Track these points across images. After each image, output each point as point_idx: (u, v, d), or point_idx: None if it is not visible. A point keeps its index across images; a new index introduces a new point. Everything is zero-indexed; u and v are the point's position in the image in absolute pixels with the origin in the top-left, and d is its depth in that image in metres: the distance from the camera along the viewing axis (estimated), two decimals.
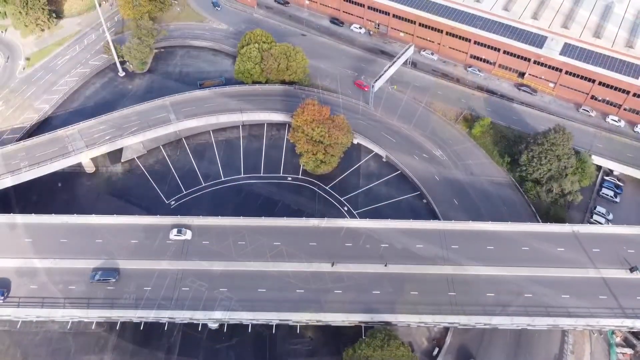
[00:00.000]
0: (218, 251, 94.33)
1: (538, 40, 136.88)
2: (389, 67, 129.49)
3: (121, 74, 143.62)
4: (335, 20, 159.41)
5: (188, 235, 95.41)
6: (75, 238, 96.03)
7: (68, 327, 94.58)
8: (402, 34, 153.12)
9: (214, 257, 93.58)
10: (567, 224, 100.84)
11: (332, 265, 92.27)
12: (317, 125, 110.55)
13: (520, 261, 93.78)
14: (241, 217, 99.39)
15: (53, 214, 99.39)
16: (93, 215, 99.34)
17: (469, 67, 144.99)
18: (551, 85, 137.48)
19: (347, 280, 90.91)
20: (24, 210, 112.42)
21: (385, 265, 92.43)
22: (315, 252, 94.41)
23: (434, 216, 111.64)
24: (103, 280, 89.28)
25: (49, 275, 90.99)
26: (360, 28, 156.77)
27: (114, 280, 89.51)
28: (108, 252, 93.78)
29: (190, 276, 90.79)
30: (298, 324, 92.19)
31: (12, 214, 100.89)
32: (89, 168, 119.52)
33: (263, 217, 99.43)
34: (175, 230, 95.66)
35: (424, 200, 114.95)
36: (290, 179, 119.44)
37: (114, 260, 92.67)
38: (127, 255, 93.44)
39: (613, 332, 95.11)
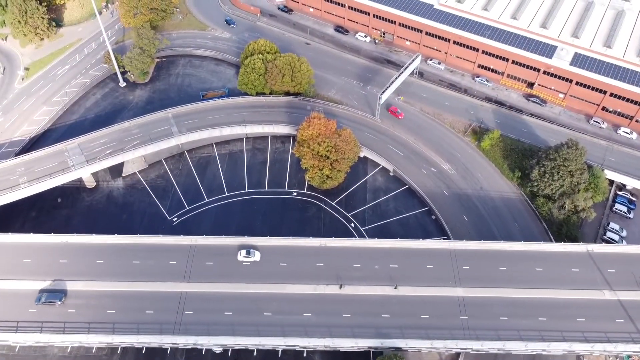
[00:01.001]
0: (221, 272, 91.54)
1: (548, 50, 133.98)
2: (396, 78, 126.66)
3: (122, 84, 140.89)
4: (340, 29, 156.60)
5: (257, 256, 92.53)
6: (75, 258, 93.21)
7: (68, 350, 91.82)
8: (408, 43, 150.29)
9: (216, 278, 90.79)
10: (581, 243, 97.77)
11: (340, 287, 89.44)
12: (323, 140, 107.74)
13: (534, 282, 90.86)
14: (245, 236, 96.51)
15: (52, 233, 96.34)
16: (93, 234, 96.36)
17: (477, 76, 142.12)
18: (561, 95, 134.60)
19: (356, 303, 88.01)
20: (23, 226, 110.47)
21: (395, 288, 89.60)
22: (322, 274, 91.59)
23: (443, 233, 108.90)
24: (48, 302, 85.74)
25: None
26: (365, 36, 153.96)
27: (59, 302, 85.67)
28: (107, 273, 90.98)
29: (195, 300, 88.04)
30: (305, 349, 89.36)
31: (9, 233, 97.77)
32: (90, 183, 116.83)
33: (268, 237, 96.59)
34: (243, 252, 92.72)
35: (433, 217, 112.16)
36: (295, 194, 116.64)
37: (115, 282, 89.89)
38: (125, 276, 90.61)
39: (629, 357, 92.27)
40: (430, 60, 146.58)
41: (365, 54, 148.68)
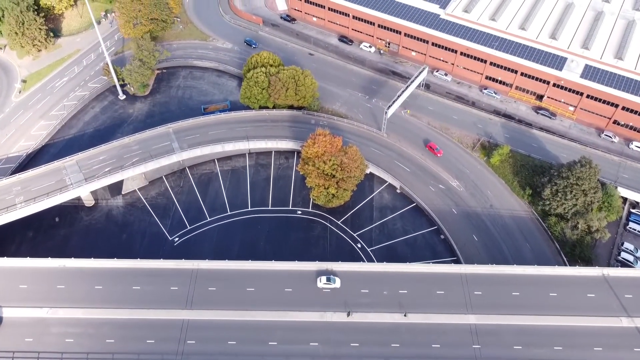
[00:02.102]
0: (225, 298, 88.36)
1: (557, 62, 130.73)
2: (402, 91, 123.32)
3: (121, 97, 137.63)
4: (344, 39, 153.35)
5: (338, 283, 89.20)
6: (72, 284, 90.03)
7: None
8: (413, 53, 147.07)
9: (220, 305, 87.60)
10: (596, 267, 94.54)
11: (348, 315, 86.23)
12: (328, 158, 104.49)
13: (548, 309, 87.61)
14: (249, 260, 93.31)
15: (49, 257, 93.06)
16: (91, 259, 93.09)
17: (485, 88, 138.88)
18: (571, 108, 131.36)
19: (364, 331, 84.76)
20: (19, 247, 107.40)
21: (405, 315, 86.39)
22: (329, 300, 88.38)
23: (452, 254, 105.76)
24: None
25: (44, 327, 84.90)
26: (370, 47, 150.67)
27: None
28: (106, 299, 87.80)
29: (197, 328, 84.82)
30: None
31: (5, 256, 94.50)
32: (88, 201, 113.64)
33: (272, 261, 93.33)
34: (324, 279, 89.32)
35: (442, 236, 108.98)
36: (300, 212, 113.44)
37: (115, 309, 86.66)
38: (125, 303, 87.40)
39: None
40: (437, 71, 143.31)
41: (370, 65, 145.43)
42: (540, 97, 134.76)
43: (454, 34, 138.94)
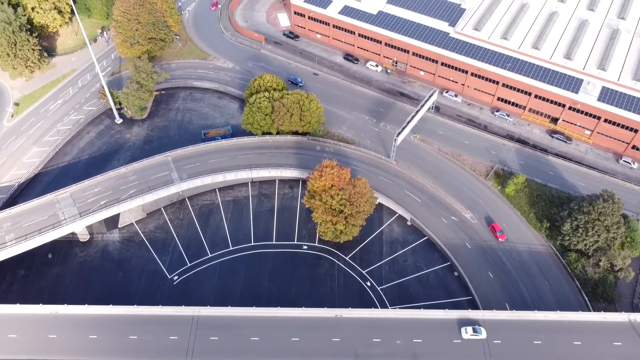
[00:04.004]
0: (228, 349, 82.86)
1: (573, 84, 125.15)
2: (412, 117, 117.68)
3: (118, 121, 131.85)
4: (349, 57, 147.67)
5: (484, 334, 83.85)
6: (65, 333, 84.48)
7: None
8: (422, 73, 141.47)
9: (222, 356, 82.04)
10: (622, 312, 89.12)
11: None
12: (336, 193, 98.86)
13: (573, 359, 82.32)
14: (253, 307, 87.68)
15: (40, 304, 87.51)
16: (86, 305, 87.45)
17: (497, 110, 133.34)
18: (587, 132, 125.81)
19: None
20: (10, 287, 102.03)
21: None
22: (339, 350, 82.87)
23: (466, 293, 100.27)
24: None
25: None
26: (376, 65, 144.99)
27: None
28: (101, 350, 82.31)
29: None
30: None
31: None
32: (83, 236, 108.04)
33: (278, 308, 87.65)
34: (470, 329, 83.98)
35: (455, 273, 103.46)
36: (305, 247, 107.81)
37: None
38: (121, 355, 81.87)
39: None
40: (447, 92, 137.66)
41: (377, 86, 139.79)
42: (554, 120, 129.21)
43: (464, 53, 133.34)
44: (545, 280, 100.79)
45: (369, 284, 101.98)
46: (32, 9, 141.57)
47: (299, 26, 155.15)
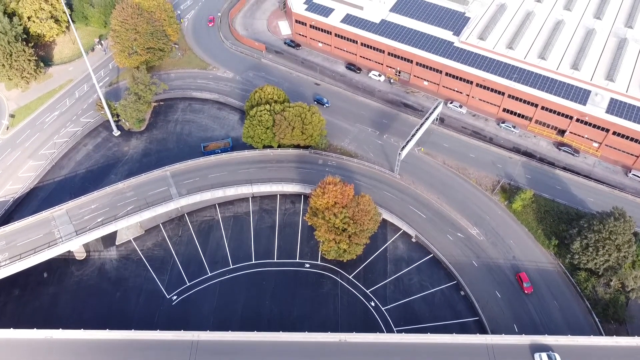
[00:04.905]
0: None
1: (581, 95, 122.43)
2: (417, 130, 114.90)
3: (116, 133, 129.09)
4: (351, 66, 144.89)
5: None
6: (62, 358, 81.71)
7: None
8: (426, 83, 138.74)
9: None
10: (635, 337, 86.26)
11: None
12: (339, 211, 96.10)
13: None
14: (254, 332, 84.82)
15: (34, 328, 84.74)
16: (81, 330, 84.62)
17: (502, 122, 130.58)
18: (595, 144, 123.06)
19: None
20: (5, 307, 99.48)
21: None
22: None
23: (473, 313, 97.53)
24: None
25: None
26: (379, 75, 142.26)
27: None
28: None
29: None
30: None
31: None
32: (79, 254, 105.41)
33: (280, 332, 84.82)
34: (544, 356, 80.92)
35: (462, 293, 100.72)
36: (308, 265, 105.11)
37: None
38: None
39: None
40: (451, 102, 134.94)
41: (380, 96, 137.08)
42: (561, 132, 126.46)
43: (469, 63, 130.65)
44: (554, 300, 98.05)
45: (373, 304, 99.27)
46: (29, 18, 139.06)
47: (300, 35, 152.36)
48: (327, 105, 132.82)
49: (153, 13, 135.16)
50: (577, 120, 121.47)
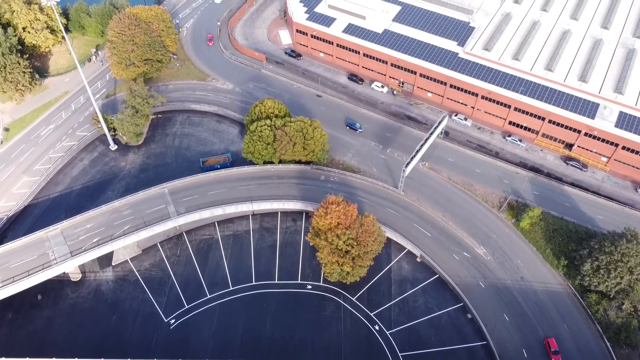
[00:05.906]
0: None
1: (589, 109, 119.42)
2: (421, 145, 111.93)
3: (112, 147, 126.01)
4: (353, 77, 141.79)
5: None
6: None
7: None
8: (429, 94, 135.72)
9: None
10: None
11: None
12: (342, 232, 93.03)
13: None
14: None
15: (27, 357, 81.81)
16: (76, 359, 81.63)
17: (508, 135, 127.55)
18: (604, 159, 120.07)
19: None
20: None
21: None
22: None
23: (481, 337, 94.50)
24: None
25: None
26: (382, 86, 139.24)
27: None
28: None
29: None
30: None
31: None
32: (75, 275, 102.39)
33: None
34: None
35: (469, 315, 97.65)
36: (310, 287, 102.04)
37: None
38: None
39: None
40: (455, 115, 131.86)
41: (383, 108, 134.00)
42: (569, 146, 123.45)
43: (474, 75, 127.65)
44: (564, 324, 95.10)
45: (377, 327, 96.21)
46: (24, 29, 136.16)
47: (301, 44, 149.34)
48: (360, 130, 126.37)
49: (151, 23, 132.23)
50: (586, 134, 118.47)
